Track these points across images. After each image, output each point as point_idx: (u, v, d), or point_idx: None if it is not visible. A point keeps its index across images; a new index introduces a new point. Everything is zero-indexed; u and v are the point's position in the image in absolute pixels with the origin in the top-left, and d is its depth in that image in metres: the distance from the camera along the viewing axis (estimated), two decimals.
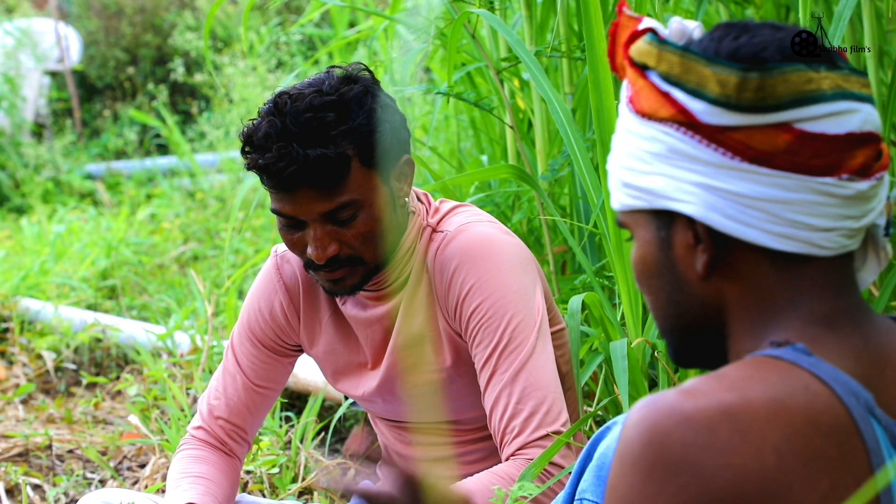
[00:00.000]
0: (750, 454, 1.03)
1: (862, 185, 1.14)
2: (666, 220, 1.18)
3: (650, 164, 1.17)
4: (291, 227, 1.92)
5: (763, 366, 1.09)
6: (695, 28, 1.18)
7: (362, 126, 1.87)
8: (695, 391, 1.06)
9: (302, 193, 1.87)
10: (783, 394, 1.05)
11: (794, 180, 1.12)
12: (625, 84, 1.21)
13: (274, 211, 1.91)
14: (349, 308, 2.07)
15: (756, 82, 1.11)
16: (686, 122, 1.14)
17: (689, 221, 1.16)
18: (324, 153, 1.84)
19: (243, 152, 1.91)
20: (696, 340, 1.21)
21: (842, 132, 1.12)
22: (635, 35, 1.19)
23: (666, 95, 1.15)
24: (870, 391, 1.10)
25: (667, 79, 1.15)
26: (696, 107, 1.13)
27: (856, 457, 1.06)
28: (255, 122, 1.90)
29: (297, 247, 1.94)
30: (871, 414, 1.08)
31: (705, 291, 1.17)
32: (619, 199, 1.21)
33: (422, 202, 2.06)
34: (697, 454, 1.03)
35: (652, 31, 1.18)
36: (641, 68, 1.18)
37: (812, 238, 1.14)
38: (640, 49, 1.18)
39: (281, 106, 1.87)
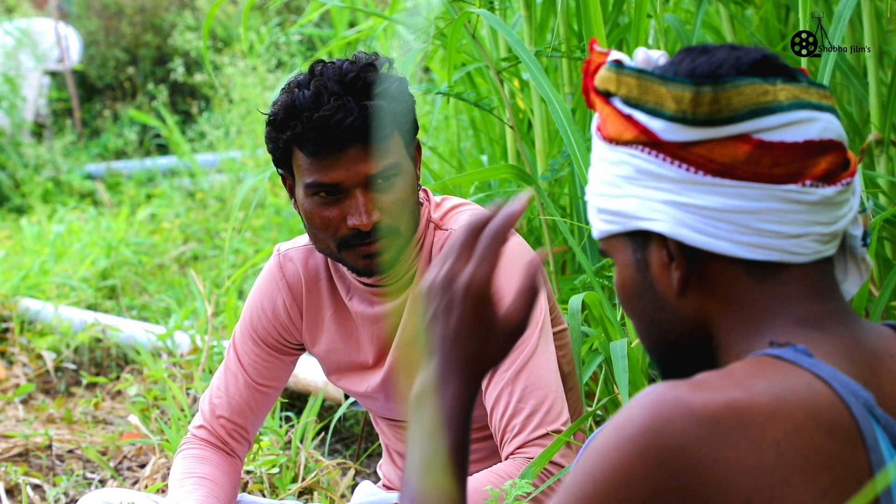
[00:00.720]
0: (748, 449, 1.04)
1: (827, 191, 1.15)
2: (640, 241, 1.20)
3: (620, 188, 1.19)
4: (330, 200, 1.90)
5: (767, 364, 1.10)
6: (660, 56, 1.22)
7: (395, 91, 1.89)
8: (704, 385, 1.07)
9: (351, 154, 1.87)
10: (786, 391, 1.07)
11: (758, 190, 1.14)
12: (595, 114, 1.24)
13: (312, 185, 1.89)
14: (356, 304, 2.07)
15: (710, 96, 1.13)
16: (649, 141, 1.16)
17: (662, 240, 1.18)
18: (379, 105, 1.86)
19: (281, 125, 1.89)
20: (682, 358, 1.22)
21: (800, 140, 1.14)
22: (600, 66, 1.22)
23: (628, 118, 1.18)
24: (867, 389, 1.11)
25: (627, 102, 1.18)
26: (656, 125, 1.16)
27: (856, 454, 1.07)
28: (288, 94, 1.90)
29: (332, 224, 1.91)
30: (871, 413, 1.09)
31: (685, 308, 1.19)
32: (597, 227, 1.24)
33: (424, 197, 2.07)
34: (695, 444, 1.04)
35: (617, 61, 1.21)
36: (605, 95, 1.21)
37: (783, 245, 1.15)
38: (602, 76, 1.21)
39: (320, 72, 1.90)
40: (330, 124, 1.84)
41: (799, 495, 1.05)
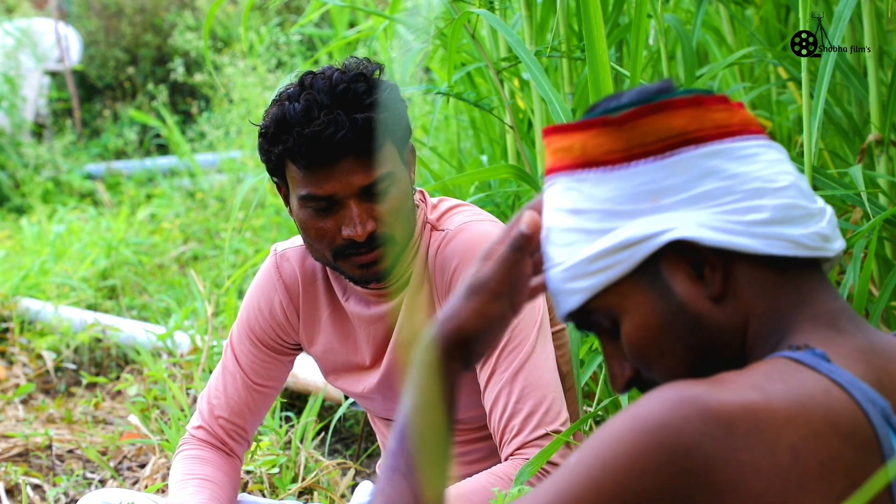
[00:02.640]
0: (763, 452, 1.04)
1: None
2: (652, 271, 1.16)
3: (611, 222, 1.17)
4: (324, 212, 1.90)
5: (785, 367, 1.09)
6: None
7: (386, 99, 1.89)
8: (722, 385, 1.07)
9: (343, 166, 1.86)
10: (804, 395, 1.06)
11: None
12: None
13: (306, 197, 1.89)
14: (352, 305, 2.07)
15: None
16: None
17: (680, 254, 1.15)
18: (370, 116, 1.86)
19: (273, 138, 1.89)
20: (714, 368, 1.17)
21: None
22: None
23: None
24: (883, 394, 1.11)
25: None
26: None
27: (873, 460, 1.07)
28: (279, 107, 1.89)
29: (327, 234, 1.92)
30: (887, 421, 1.08)
31: (719, 317, 1.16)
32: (593, 284, 1.18)
33: (420, 198, 2.07)
34: (710, 444, 1.03)
35: None
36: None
37: (793, 235, 1.15)
38: None
39: (309, 84, 1.89)
40: (321, 139, 1.84)
41: (814, 500, 1.04)
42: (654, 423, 1.04)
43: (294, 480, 2.81)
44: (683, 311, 1.16)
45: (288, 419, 3.28)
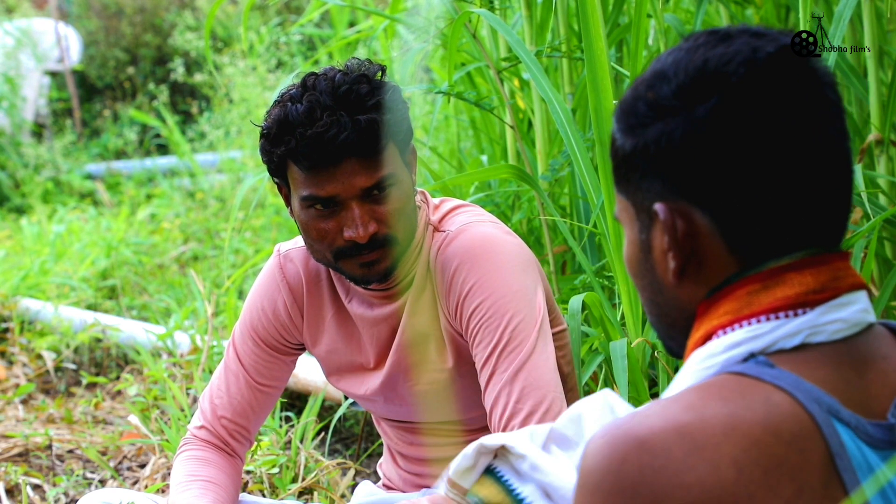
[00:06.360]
0: (706, 470, 1.04)
1: None
2: (647, 221, 1.18)
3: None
4: (326, 213, 1.90)
5: (724, 383, 1.10)
6: None
7: (389, 101, 1.89)
8: (650, 415, 1.08)
9: (346, 168, 1.87)
10: (741, 407, 1.07)
11: None
12: None
13: (308, 198, 1.89)
14: (356, 307, 2.07)
15: None
16: None
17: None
18: (373, 118, 1.86)
19: (275, 139, 1.89)
20: (682, 335, 1.22)
21: None
22: None
23: None
24: (847, 394, 1.11)
25: None
26: None
27: (820, 460, 1.07)
28: (281, 108, 1.90)
29: (329, 235, 1.92)
30: (836, 417, 1.08)
31: (681, 296, 1.18)
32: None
33: (422, 199, 2.07)
34: (653, 476, 1.04)
35: None
36: None
37: None
38: None
39: (312, 85, 1.89)
40: (324, 140, 1.84)
41: None
42: (597, 479, 1.06)
43: (294, 480, 2.81)
44: (653, 272, 1.19)
45: (288, 419, 3.28)
